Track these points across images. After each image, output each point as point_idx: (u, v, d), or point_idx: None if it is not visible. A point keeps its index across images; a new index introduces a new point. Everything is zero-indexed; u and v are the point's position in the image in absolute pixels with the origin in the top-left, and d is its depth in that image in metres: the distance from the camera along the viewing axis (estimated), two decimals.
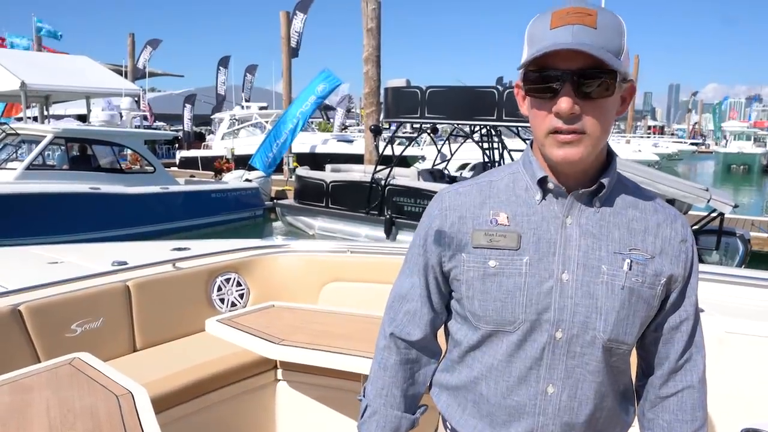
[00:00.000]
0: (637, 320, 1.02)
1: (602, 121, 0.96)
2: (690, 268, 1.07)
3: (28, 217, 9.37)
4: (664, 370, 1.11)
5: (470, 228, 1.05)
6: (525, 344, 1.02)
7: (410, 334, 1.16)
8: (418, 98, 9.96)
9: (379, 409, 1.18)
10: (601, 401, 1.05)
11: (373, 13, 14.02)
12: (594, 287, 1.00)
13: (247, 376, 2.67)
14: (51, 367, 1.86)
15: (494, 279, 1.02)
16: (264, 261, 3.30)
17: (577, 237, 1.01)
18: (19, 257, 3.23)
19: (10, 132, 10.95)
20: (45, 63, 13.67)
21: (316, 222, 11.11)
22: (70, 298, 2.59)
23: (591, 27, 0.91)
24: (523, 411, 1.04)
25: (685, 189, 7.53)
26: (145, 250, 3.34)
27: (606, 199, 1.04)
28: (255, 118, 22.70)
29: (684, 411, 1.10)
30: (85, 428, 1.48)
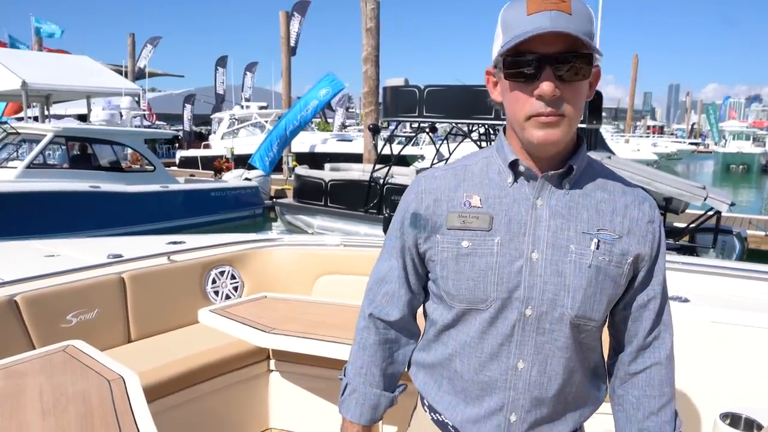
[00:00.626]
0: (604, 297, 1.05)
1: (578, 104, 1.00)
2: (657, 248, 1.10)
3: (29, 216, 9.42)
4: (633, 348, 1.14)
5: (445, 210, 1.09)
6: (496, 321, 1.05)
7: (389, 315, 1.20)
8: (417, 97, 9.98)
9: (359, 387, 1.22)
10: (570, 377, 1.09)
11: (372, 13, 14.07)
12: (562, 266, 1.03)
13: (240, 367, 2.71)
14: (45, 353, 1.90)
15: (467, 259, 1.05)
16: (258, 254, 3.34)
17: (546, 218, 1.04)
18: (16, 250, 3.27)
19: (10, 131, 10.99)
20: (46, 62, 13.73)
21: (315, 221, 11.15)
22: (66, 289, 2.62)
23: (567, 12, 0.94)
24: (494, 386, 1.07)
25: (683, 187, 7.56)
26: (141, 243, 3.38)
27: (576, 181, 1.07)
28: (255, 118, 22.74)
29: (652, 387, 1.13)
30: (77, 412, 1.52)
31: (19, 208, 9.43)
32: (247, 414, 2.81)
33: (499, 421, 1.08)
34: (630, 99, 39.90)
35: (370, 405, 1.22)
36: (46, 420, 1.46)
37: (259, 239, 3.48)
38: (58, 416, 1.48)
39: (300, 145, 19.71)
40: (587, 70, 0.97)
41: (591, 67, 0.98)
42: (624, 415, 1.17)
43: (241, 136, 22.26)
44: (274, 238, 3.49)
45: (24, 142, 11.36)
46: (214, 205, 12.69)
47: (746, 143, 37.62)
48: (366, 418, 1.22)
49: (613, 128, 47.58)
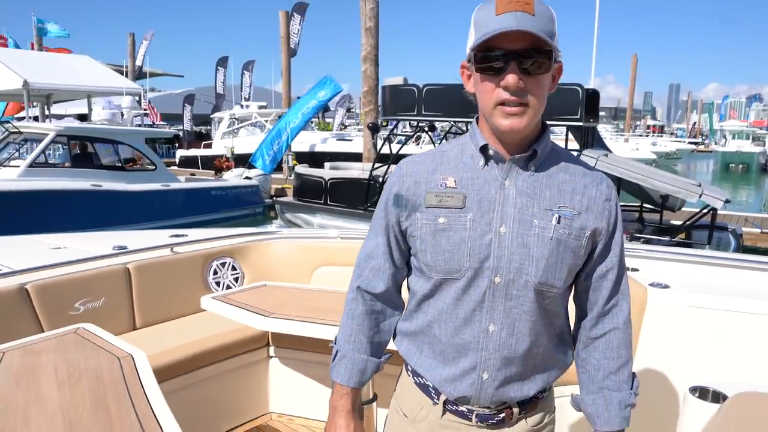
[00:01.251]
0: (565, 266, 1.18)
1: (540, 95, 1.12)
2: (614, 223, 1.22)
3: (31, 214, 9.50)
4: (593, 314, 1.27)
5: (423, 191, 1.21)
6: (469, 289, 1.17)
7: (375, 288, 1.33)
8: (415, 96, 10.06)
9: (348, 353, 1.34)
10: (536, 338, 1.21)
11: (372, 13, 14.17)
12: (527, 238, 1.15)
13: (241, 352, 2.82)
14: (58, 335, 2.01)
15: (443, 233, 1.18)
16: (258, 246, 3.45)
17: (513, 196, 1.17)
18: (24, 244, 3.39)
19: (13, 130, 11.11)
20: (47, 62, 13.84)
21: (315, 219, 11.24)
22: (74, 278, 2.74)
23: (530, 13, 1.06)
24: (468, 347, 1.20)
25: (678, 184, 7.66)
26: (144, 236, 3.50)
27: (540, 164, 1.19)
28: (254, 118, 22.86)
29: (611, 349, 1.26)
30: (89, 384, 1.63)
31: (21, 206, 9.53)
32: (248, 398, 2.93)
33: (473, 379, 1.21)
34: (629, 98, 40.04)
35: (358, 369, 1.33)
36: (62, 391, 1.57)
37: (259, 232, 3.60)
38: (72, 388, 1.59)
39: (300, 144, 19.82)
40: (548, 65, 1.10)
41: (552, 62, 1.10)
42: (587, 376, 1.29)
43: (241, 135, 22.38)
44: (273, 231, 3.61)
45: (26, 141, 11.47)
46: (215, 203, 12.80)
47: (745, 142, 37.74)
48: (354, 381, 1.33)
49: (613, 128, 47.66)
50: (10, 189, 9.51)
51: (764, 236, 10.35)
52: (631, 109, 41.86)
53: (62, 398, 1.54)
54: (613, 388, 1.25)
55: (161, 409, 1.50)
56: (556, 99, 9.84)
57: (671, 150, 36.23)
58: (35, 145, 10.89)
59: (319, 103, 15.15)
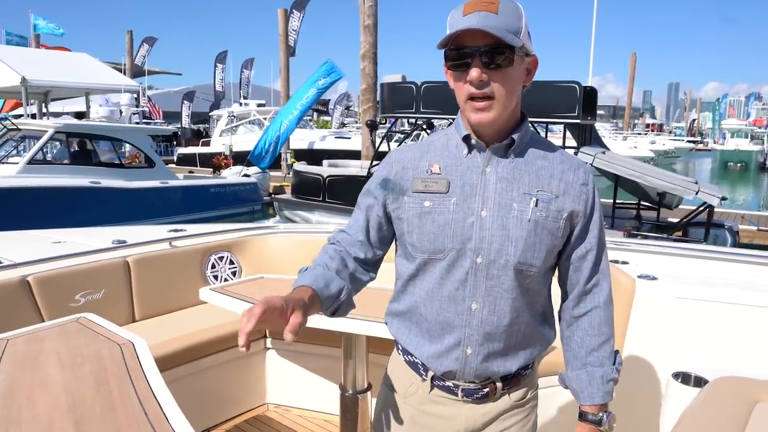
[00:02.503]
0: (543, 247, 1.24)
1: (507, 87, 1.19)
2: (591, 206, 1.29)
3: (30, 211, 9.53)
4: (575, 294, 1.33)
5: (411, 177, 1.29)
6: (453, 269, 1.24)
7: (349, 250, 1.35)
8: (414, 93, 10.11)
9: (316, 268, 1.28)
10: (517, 316, 1.27)
11: (370, 10, 14.19)
12: (506, 221, 1.22)
13: (237, 344, 2.87)
14: (60, 323, 2.06)
15: (428, 216, 1.25)
16: (255, 241, 3.51)
17: (494, 182, 1.24)
18: (25, 238, 3.44)
19: (11, 127, 11.13)
20: (45, 59, 13.86)
21: (314, 216, 11.29)
22: (74, 271, 2.79)
23: (493, 13, 1.14)
24: (453, 324, 1.26)
25: (675, 182, 7.72)
26: (143, 231, 3.55)
27: (520, 152, 1.27)
28: (253, 115, 22.89)
29: (593, 327, 1.32)
30: (91, 369, 1.68)
31: (20, 203, 9.56)
32: (245, 389, 2.98)
33: (458, 354, 1.27)
34: (628, 97, 40.08)
35: (323, 278, 1.24)
36: (65, 373, 1.63)
37: (256, 227, 3.65)
38: (75, 371, 1.65)
39: (298, 142, 19.86)
40: (510, 58, 1.16)
41: (514, 56, 1.17)
42: (571, 354, 1.36)
43: (240, 133, 22.41)
44: (271, 226, 3.66)
45: (24, 138, 11.50)
46: (213, 201, 12.84)
47: (744, 141, 37.82)
48: (318, 285, 1.21)
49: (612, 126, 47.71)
50: (8, 186, 9.54)
51: (760, 234, 10.42)
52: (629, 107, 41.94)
53: (66, 380, 1.60)
54: (596, 364, 1.31)
55: (162, 392, 1.55)
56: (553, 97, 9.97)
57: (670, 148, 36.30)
58: (33, 142, 10.93)
59: (319, 90, 15.12)
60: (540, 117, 8.66)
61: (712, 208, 7.79)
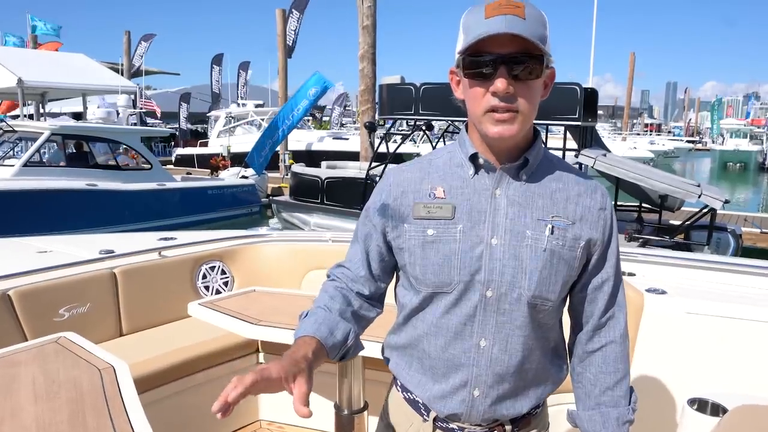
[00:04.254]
0: (559, 279, 1.13)
1: (531, 101, 1.07)
2: (609, 233, 1.18)
3: (26, 214, 9.44)
4: (589, 327, 1.21)
5: (411, 201, 1.16)
6: (460, 303, 1.12)
7: (352, 287, 1.24)
8: (413, 95, 10.01)
9: (318, 312, 1.18)
10: (529, 354, 1.15)
11: (369, 11, 14.10)
12: (519, 250, 1.10)
13: (230, 359, 2.77)
14: (38, 344, 1.95)
15: (432, 246, 1.13)
16: (248, 250, 3.40)
17: (504, 206, 1.12)
18: (9, 247, 3.33)
19: (7, 129, 11.02)
20: (42, 60, 13.76)
21: (312, 218, 11.19)
22: (58, 283, 2.68)
23: (521, 17, 1.01)
24: (459, 363, 1.14)
25: (677, 184, 7.62)
26: (132, 239, 3.44)
27: (532, 173, 1.14)
28: (251, 116, 22.79)
29: (607, 364, 1.20)
30: (68, 397, 1.57)
31: (16, 206, 9.46)
32: (237, 406, 2.85)
33: (464, 396, 1.15)
34: (627, 97, 39.98)
35: (327, 325, 1.15)
36: (39, 405, 1.52)
37: (249, 235, 3.54)
38: (50, 401, 1.54)
39: (297, 143, 19.76)
40: (539, 70, 1.05)
41: (543, 67, 1.05)
42: (583, 391, 1.24)
43: (238, 134, 22.31)
44: (263, 234, 3.55)
45: (20, 140, 11.40)
46: (211, 203, 12.74)
47: (743, 141, 37.77)
48: (322, 334, 1.12)
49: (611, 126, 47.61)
50: (4, 188, 9.44)
51: (764, 236, 10.32)
52: (628, 107, 41.83)
53: (38, 412, 1.49)
54: (611, 404, 1.20)
55: (140, 424, 1.44)
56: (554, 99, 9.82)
57: (669, 149, 36.20)
58: (30, 144, 10.82)
59: (311, 101, 15.12)
60: (540, 119, 8.53)
61: (715, 211, 7.69)
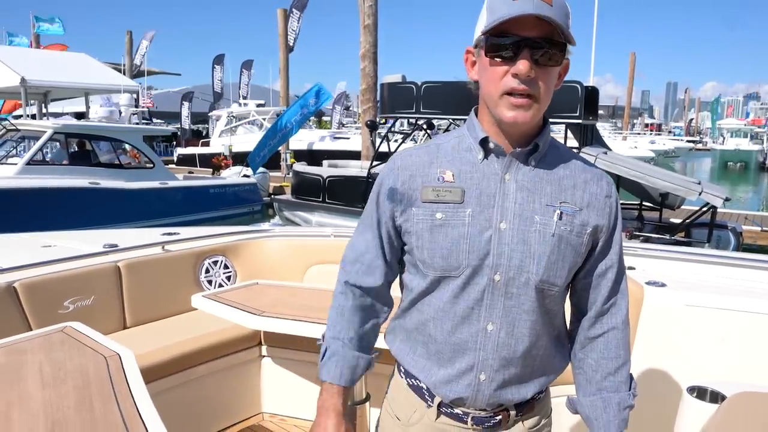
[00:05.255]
0: (566, 264, 1.14)
1: (548, 88, 1.08)
2: (614, 220, 1.19)
3: (29, 212, 9.46)
4: (592, 314, 1.22)
5: (419, 185, 1.16)
6: (468, 287, 1.13)
7: (365, 282, 1.27)
8: (414, 94, 10.02)
9: (338, 350, 1.27)
10: (536, 340, 1.16)
11: (370, 10, 14.12)
12: (528, 235, 1.11)
13: (233, 352, 2.79)
14: (44, 333, 1.98)
15: (441, 230, 1.13)
16: (250, 245, 3.42)
17: (513, 191, 1.12)
18: (14, 241, 3.36)
19: (10, 128, 11.06)
20: (44, 59, 13.78)
21: (313, 217, 11.21)
22: (63, 276, 2.71)
23: (548, 3, 1.02)
24: (465, 347, 1.15)
25: (678, 182, 7.64)
26: (136, 234, 3.46)
27: (540, 159, 1.15)
28: (252, 116, 22.81)
29: (609, 350, 1.21)
30: (74, 384, 1.60)
31: (19, 204, 9.49)
32: (240, 398, 2.90)
33: (470, 380, 1.16)
34: (627, 96, 39.96)
35: (349, 366, 1.27)
36: (46, 391, 1.54)
37: (251, 230, 3.57)
38: (57, 387, 1.56)
39: (298, 142, 19.78)
40: (560, 57, 1.06)
41: (563, 56, 1.07)
42: (584, 377, 1.25)
43: (239, 133, 22.34)
44: (266, 229, 3.58)
45: (23, 139, 11.44)
46: (213, 201, 12.76)
47: (744, 141, 37.73)
48: (346, 379, 1.27)
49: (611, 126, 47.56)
50: (7, 187, 9.47)
51: (764, 234, 10.32)
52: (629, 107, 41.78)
53: (46, 398, 1.51)
54: (612, 390, 1.21)
55: (146, 409, 1.47)
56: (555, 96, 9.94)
57: (669, 148, 36.18)
58: (33, 142, 10.86)
59: (309, 111, 15.26)
60: None
61: (716, 209, 7.70)
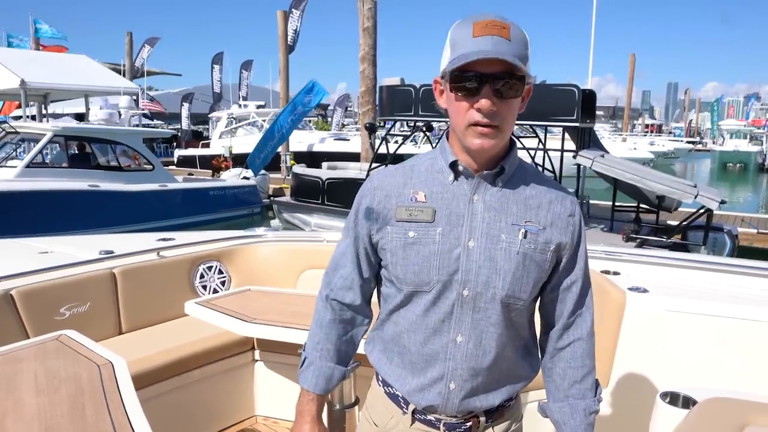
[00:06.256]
0: (531, 280, 1.21)
1: (511, 118, 1.15)
2: (578, 238, 1.26)
3: (28, 215, 9.50)
4: (558, 326, 1.30)
5: (394, 204, 1.23)
6: (438, 301, 1.20)
7: (344, 297, 1.35)
8: (413, 96, 10.06)
9: (315, 360, 1.37)
10: (502, 350, 1.23)
11: (369, 13, 14.18)
12: (494, 252, 1.18)
13: (226, 356, 2.85)
14: (39, 342, 2.03)
15: (413, 247, 1.20)
16: (244, 250, 3.48)
17: (481, 211, 1.19)
18: (10, 247, 3.41)
19: (10, 130, 11.11)
20: (44, 61, 13.83)
21: (313, 219, 11.26)
22: (59, 283, 2.76)
23: (506, 39, 1.08)
24: (437, 357, 1.22)
25: (673, 185, 7.68)
26: (131, 240, 3.52)
27: (508, 180, 1.22)
28: (252, 117, 22.86)
29: (575, 359, 1.29)
30: (68, 392, 1.65)
31: (18, 207, 9.53)
32: (233, 402, 2.95)
33: (441, 388, 1.23)
34: (627, 97, 39.95)
35: (324, 377, 1.37)
36: (40, 398, 1.60)
37: (245, 235, 3.62)
38: (51, 395, 1.61)
39: (298, 144, 19.84)
40: (520, 87, 1.12)
41: (524, 86, 1.13)
42: (553, 385, 1.33)
43: (239, 135, 22.37)
44: (260, 234, 3.63)
45: (23, 141, 11.48)
46: (213, 203, 12.81)
47: (743, 142, 37.71)
48: (320, 388, 1.37)
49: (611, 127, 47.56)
50: (7, 189, 9.51)
51: (760, 236, 10.35)
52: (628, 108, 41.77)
53: (40, 405, 1.56)
54: (578, 396, 1.29)
55: (137, 418, 1.52)
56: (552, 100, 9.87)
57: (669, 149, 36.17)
58: (32, 145, 10.90)
59: (305, 109, 15.31)
60: (539, 120, 8.63)
61: (712, 212, 7.74)
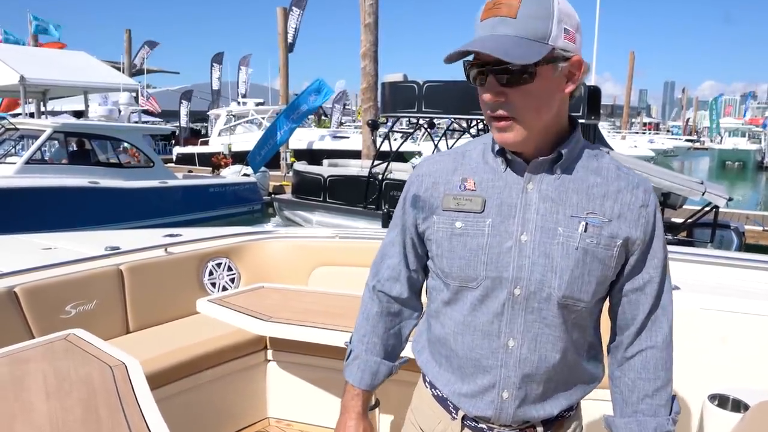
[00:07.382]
0: (593, 279, 1.08)
1: (529, 104, 1.02)
2: (651, 232, 1.11)
3: (28, 211, 9.41)
4: (630, 331, 1.16)
5: (441, 192, 1.14)
6: (487, 300, 1.09)
7: (391, 289, 1.27)
8: (415, 93, 9.97)
9: (361, 354, 1.30)
10: (560, 355, 1.11)
11: (371, 9, 14.06)
12: (550, 248, 1.06)
13: (238, 356, 2.75)
14: (47, 341, 1.93)
15: (460, 239, 1.10)
16: (254, 246, 3.38)
17: (536, 201, 1.08)
18: (14, 244, 3.31)
19: (9, 127, 11.00)
20: (43, 58, 13.70)
21: (314, 216, 11.16)
22: (65, 280, 2.66)
23: (511, 17, 0.97)
24: (486, 363, 1.11)
25: (681, 182, 7.60)
26: (138, 236, 3.42)
27: (568, 167, 1.10)
28: (251, 115, 22.74)
29: (647, 370, 1.15)
30: (80, 396, 1.55)
31: (18, 204, 9.43)
32: (245, 403, 2.85)
33: (492, 397, 1.12)
34: (626, 96, 39.92)
35: (370, 371, 1.29)
36: (51, 402, 1.50)
37: (255, 231, 3.52)
38: (62, 399, 1.52)
39: (298, 142, 19.73)
40: (529, 75, 1.00)
41: (536, 69, 0.99)
42: (620, 398, 1.19)
43: (238, 132, 22.26)
44: (270, 231, 3.53)
45: (22, 138, 11.37)
46: (213, 200, 12.72)
47: (741, 140, 37.75)
48: (366, 383, 1.30)
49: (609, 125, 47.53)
50: (6, 186, 9.40)
51: (766, 234, 10.30)
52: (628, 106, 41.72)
53: (51, 410, 1.47)
54: (648, 413, 1.14)
55: (155, 422, 1.42)
56: None
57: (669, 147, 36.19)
58: (32, 142, 10.79)
59: (310, 107, 15.21)
60: None
61: (718, 209, 7.68)
